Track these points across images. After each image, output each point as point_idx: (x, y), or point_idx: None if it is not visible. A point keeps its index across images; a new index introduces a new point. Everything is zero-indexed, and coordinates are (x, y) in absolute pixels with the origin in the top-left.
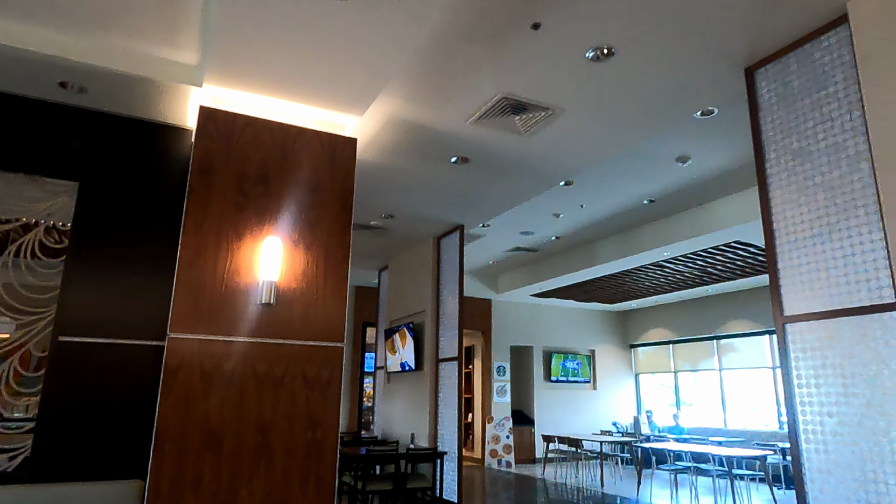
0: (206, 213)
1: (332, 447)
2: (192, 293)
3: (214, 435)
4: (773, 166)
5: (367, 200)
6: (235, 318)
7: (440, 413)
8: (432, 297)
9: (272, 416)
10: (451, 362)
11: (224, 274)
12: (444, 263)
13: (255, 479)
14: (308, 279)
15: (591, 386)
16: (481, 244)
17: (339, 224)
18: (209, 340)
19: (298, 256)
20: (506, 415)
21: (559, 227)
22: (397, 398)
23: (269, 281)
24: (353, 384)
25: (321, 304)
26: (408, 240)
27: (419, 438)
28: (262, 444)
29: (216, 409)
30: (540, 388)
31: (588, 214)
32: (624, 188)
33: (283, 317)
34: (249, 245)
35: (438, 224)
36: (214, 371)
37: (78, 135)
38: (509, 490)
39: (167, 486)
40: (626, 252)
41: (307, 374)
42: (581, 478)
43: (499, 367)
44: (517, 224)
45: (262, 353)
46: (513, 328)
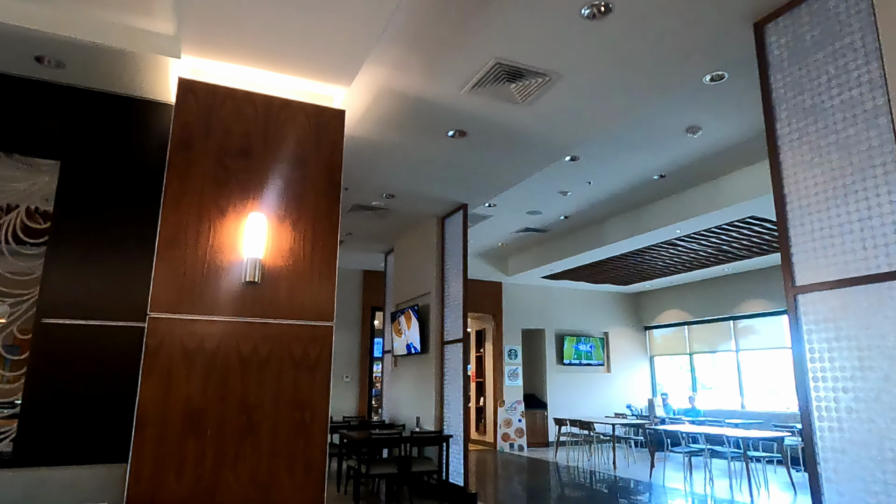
0: (186, 188)
1: (322, 430)
2: (173, 272)
3: (197, 417)
4: (783, 126)
5: (366, 179)
6: (218, 297)
7: (446, 396)
8: (436, 278)
9: (257, 398)
10: (455, 344)
11: (206, 251)
12: (448, 244)
13: (241, 463)
14: (295, 256)
15: (604, 369)
16: (489, 225)
17: (326, 199)
18: (191, 320)
19: (284, 233)
20: (518, 398)
21: (567, 206)
22: (404, 382)
23: (254, 258)
24: (363, 369)
25: (309, 282)
26: (411, 221)
27: (426, 422)
28: (247, 427)
29: (199, 390)
30: (552, 372)
31: (596, 192)
32: (632, 163)
33: (268, 295)
34: (233, 221)
35: (441, 203)
36: (197, 351)
37: (58, 112)
38: (521, 473)
39: (148, 470)
40: (636, 230)
41: (294, 355)
42: (594, 461)
43: (510, 351)
44: (524, 203)
45: (246, 332)
46: (524, 311)
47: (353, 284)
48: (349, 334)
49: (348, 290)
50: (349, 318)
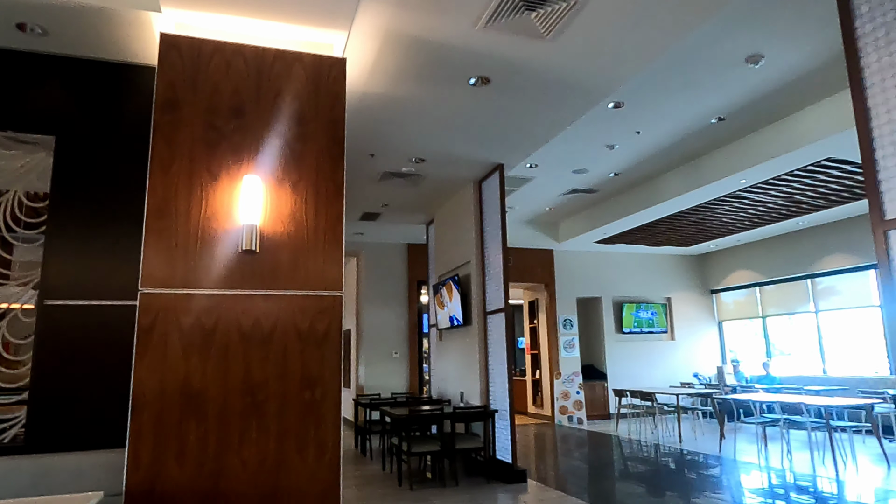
0: (173, 153)
1: (334, 408)
2: (164, 243)
3: (197, 399)
4: (868, 45)
5: (392, 142)
6: (215, 269)
7: (490, 369)
8: (476, 246)
9: (262, 376)
10: (498, 314)
11: (199, 220)
12: (486, 209)
13: (246, 447)
14: (296, 221)
15: (668, 336)
16: (532, 188)
17: (329, 157)
18: (186, 294)
19: (284, 196)
20: (575, 370)
21: (616, 162)
22: (449, 356)
23: (251, 225)
24: (412, 344)
25: (313, 248)
26: (447, 187)
27: (471, 397)
28: (251, 407)
29: (198, 369)
30: (611, 341)
31: (647, 143)
32: (685, 105)
33: (269, 265)
34: (226, 186)
35: (475, 165)
36: (194, 328)
37: (50, 84)
38: (579, 447)
39: (147, 457)
40: (695, 184)
41: (300, 328)
42: (658, 433)
43: (565, 321)
44: (568, 161)
45: (246, 306)
46: (578, 279)
47: (397, 259)
48: (395, 310)
49: (392, 265)
50: (394, 294)
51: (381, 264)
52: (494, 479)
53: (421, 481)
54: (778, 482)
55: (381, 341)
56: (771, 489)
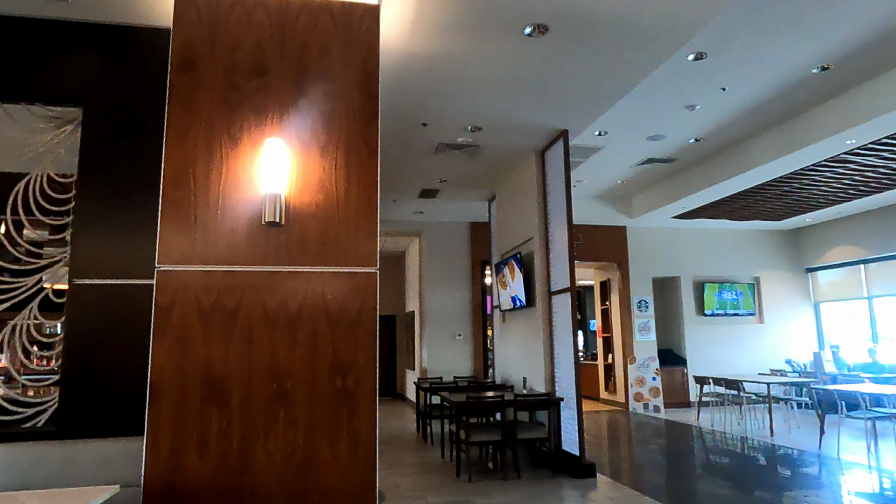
0: (191, 117)
1: (369, 397)
2: (182, 216)
3: (219, 385)
4: None
5: (444, 110)
6: (236, 243)
7: (556, 353)
8: (539, 221)
9: (289, 361)
10: (563, 295)
11: (219, 190)
12: (550, 181)
13: (273, 438)
14: (325, 190)
15: (756, 319)
16: (602, 159)
17: (361, 116)
18: (206, 272)
19: (312, 161)
20: (651, 354)
21: (698, 125)
22: (512, 339)
23: (274, 194)
24: (476, 326)
25: (344, 219)
26: (508, 159)
27: (535, 383)
28: (278, 396)
29: (220, 354)
30: (691, 324)
31: (734, 101)
32: (780, 53)
33: (295, 238)
34: (248, 152)
35: (537, 133)
36: (214, 308)
37: (74, 54)
38: (655, 438)
39: (167, 447)
40: (791, 147)
41: (330, 309)
42: (746, 425)
43: (640, 302)
44: (642, 126)
45: (271, 283)
46: (654, 257)
47: (460, 237)
48: (458, 290)
49: (455, 245)
50: (458, 274)
51: (444, 244)
52: (560, 472)
53: (482, 471)
54: (890, 486)
55: (445, 323)
56: (881, 494)
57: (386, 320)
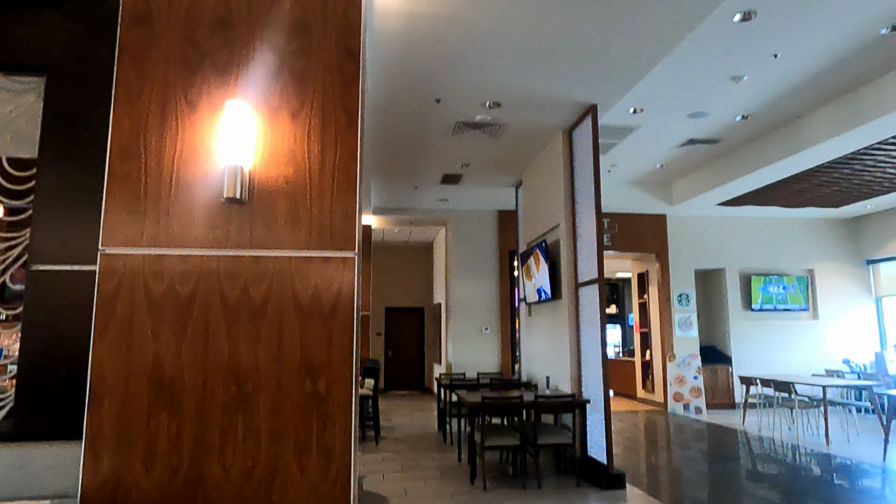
0: (143, 78)
1: (344, 404)
2: (130, 191)
3: (170, 386)
4: None
5: (458, 83)
6: (192, 223)
7: (583, 351)
8: (566, 206)
9: (250, 360)
10: (591, 286)
11: (174, 161)
12: (578, 162)
13: (231, 449)
14: (296, 161)
15: (809, 315)
16: (638, 141)
17: (340, 77)
18: (157, 255)
19: (281, 129)
20: (692, 352)
21: (745, 99)
22: (537, 334)
23: (236, 167)
24: (503, 320)
25: (319, 195)
26: (533, 139)
27: (560, 382)
28: (237, 400)
29: (171, 350)
30: (737, 320)
31: (788, 69)
32: (842, 11)
33: (260, 217)
34: (208, 119)
35: (563, 108)
36: (166, 298)
37: (35, 13)
38: (696, 442)
39: (108, 458)
40: (853, 123)
41: (300, 299)
42: (798, 431)
43: (680, 296)
44: (682, 102)
45: (232, 270)
46: (696, 248)
47: (488, 226)
48: (486, 282)
49: (482, 233)
50: (484, 265)
51: (471, 233)
52: (586, 481)
53: (499, 478)
54: None
55: (470, 316)
56: None
57: (414, 312)
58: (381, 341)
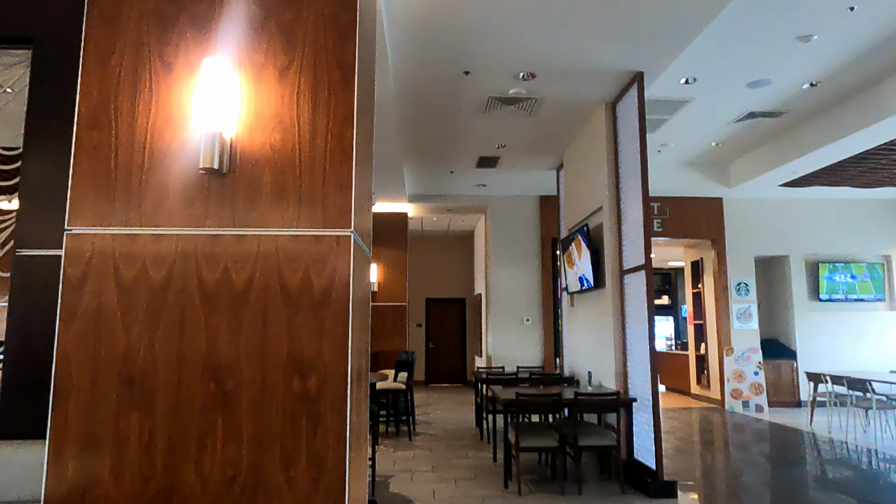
0: (114, 37)
1: (337, 406)
2: (100, 163)
3: (142, 383)
4: None
5: (486, 52)
6: (167, 199)
7: (628, 344)
8: (609, 187)
9: (231, 354)
10: (637, 273)
11: (147, 130)
12: (622, 137)
13: (209, 455)
14: (284, 126)
15: (886, 305)
16: (692, 116)
17: (334, 28)
18: (128, 235)
19: (267, 89)
20: (752, 345)
21: (814, 64)
22: (579, 325)
23: (214, 133)
24: (546, 311)
25: (310, 165)
26: (574, 115)
27: (604, 378)
28: (216, 399)
29: (143, 343)
30: (803, 311)
31: (866, 27)
32: None
33: (243, 191)
34: (185, 80)
35: (605, 78)
36: (138, 283)
37: None
38: (757, 444)
39: (74, 464)
40: None
41: (288, 284)
42: (874, 434)
43: (739, 285)
44: (741, 69)
45: (211, 251)
46: (757, 233)
47: (529, 212)
48: (526, 270)
49: (523, 220)
50: (526, 252)
51: (510, 220)
52: (632, 486)
53: (537, 481)
54: None
55: (511, 307)
56: None
57: (456, 303)
58: (421, 333)
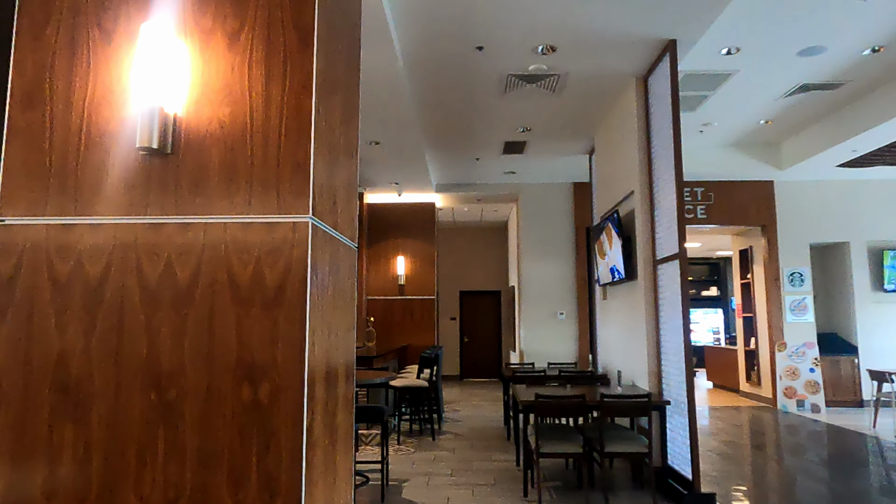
0: (49, 5)
1: (292, 418)
2: (34, 146)
3: (77, 392)
4: None
5: (499, 22)
6: (104, 184)
7: (663, 341)
8: (641, 170)
9: (174, 359)
10: (670, 263)
11: (84, 107)
12: (655, 114)
13: (150, 476)
14: (235, 99)
15: None
16: (736, 90)
17: None
18: (63, 225)
19: (216, 58)
20: (807, 340)
21: (877, 26)
22: (612, 320)
23: (152, 108)
24: (581, 304)
25: (262, 141)
26: (601, 91)
27: (637, 378)
28: (158, 411)
29: (78, 347)
30: (864, 302)
31: None
32: None
33: (189, 174)
34: (125, 49)
35: (633, 48)
36: (73, 280)
37: None
38: (817, 448)
39: (2, 483)
40: None
41: (237, 279)
42: None
43: (792, 275)
44: (790, 35)
45: (153, 242)
46: (812, 218)
47: (561, 201)
48: (560, 262)
49: (555, 209)
50: (560, 242)
51: (542, 208)
52: (665, 498)
53: (561, 488)
54: None
55: (543, 300)
56: None
57: (491, 296)
58: (455, 326)
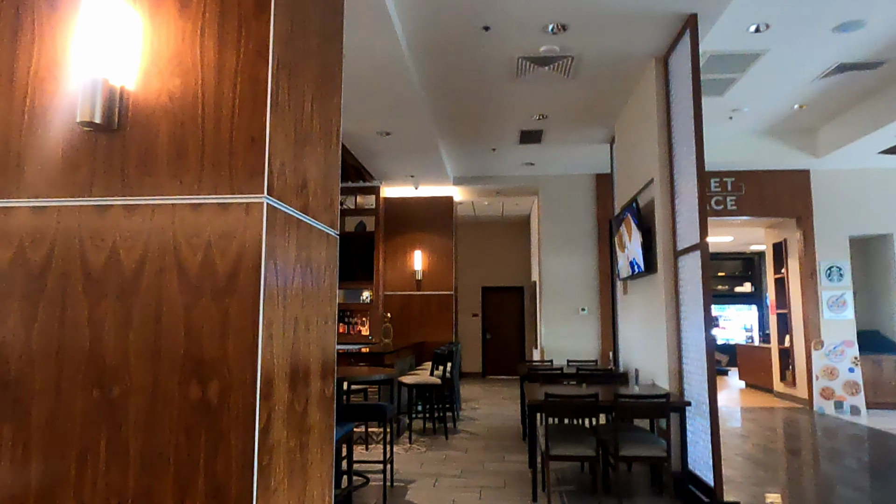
0: None
1: (244, 419)
2: None
3: (15, 388)
4: None
5: (504, 3)
6: (48, 163)
7: (683, 338)
8: (661, 157)
9: (119, 353)
10: (691, 254)
11: (27, 80)
12: (675, 97)
13: (90, 480)
14: (185, 69)
15: None
16: (767, 72)
17: None
18: (4, 209)
19: (166, 25)
20: (846, 338)
21: None
22: (631, 315)
23: (95, 80)
24: (604, 299)
25: (214, 115)
26: (618, 73)
27: (657, 377)
28: (101, 409)
29: (18, 339)
30: None
31: None
32: None
33: (136, 151)
34: (71, 17)
35: (651, 24)
36: (14, 266)
37: None
38: (856, 454)
39: None
40: None
41: (186, 265)
42: None
43: (830, 269)
44: (825, 8)
45: (97, 227)
46: (852, 209)
47: (583, 192)
48: (582, 255)
49: (577, 201)
50: (581, 235)
51: (563, 201)
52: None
53: (575, 493)
54: None
55: (565, 295)
56: None
57: (513, 292)
58: (477, 323)
